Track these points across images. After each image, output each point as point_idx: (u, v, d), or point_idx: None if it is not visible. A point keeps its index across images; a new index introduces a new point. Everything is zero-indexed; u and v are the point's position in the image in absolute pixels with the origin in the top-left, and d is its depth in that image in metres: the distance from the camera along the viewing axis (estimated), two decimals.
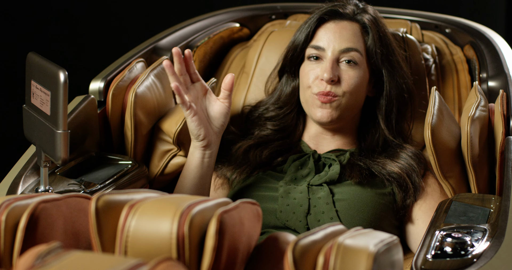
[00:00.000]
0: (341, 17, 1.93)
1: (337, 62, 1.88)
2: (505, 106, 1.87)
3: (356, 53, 1.89)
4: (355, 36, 1.90)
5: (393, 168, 1.88)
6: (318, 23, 1.92)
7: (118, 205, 1.16)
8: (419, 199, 1.87)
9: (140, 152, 1.95)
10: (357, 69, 1.89)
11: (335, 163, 1.88)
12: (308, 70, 1.91)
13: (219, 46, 2.32)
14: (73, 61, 3.11)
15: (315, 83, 1.88)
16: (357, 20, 1.92)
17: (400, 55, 1.99)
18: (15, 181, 1.68)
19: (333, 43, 1.89)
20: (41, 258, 1.03)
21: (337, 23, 1.92)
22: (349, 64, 1.88)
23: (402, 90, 1.96)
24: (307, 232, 1.16)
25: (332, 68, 1.86)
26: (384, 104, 1.95)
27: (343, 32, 1.90)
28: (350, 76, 1.88)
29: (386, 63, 1.93)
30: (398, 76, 1.94)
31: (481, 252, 1.44)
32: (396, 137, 1.96)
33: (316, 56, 1.90)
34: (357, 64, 1.89)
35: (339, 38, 1.89)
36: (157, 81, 1.99)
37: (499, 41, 2.17)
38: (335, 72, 1.87)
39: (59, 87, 1.49)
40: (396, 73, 1.94)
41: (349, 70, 1.88)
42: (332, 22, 1.92)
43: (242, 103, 2.16)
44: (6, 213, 1.18)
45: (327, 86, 1.86)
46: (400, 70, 1.96)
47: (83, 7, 3.14)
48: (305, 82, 1.91)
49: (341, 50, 1.88)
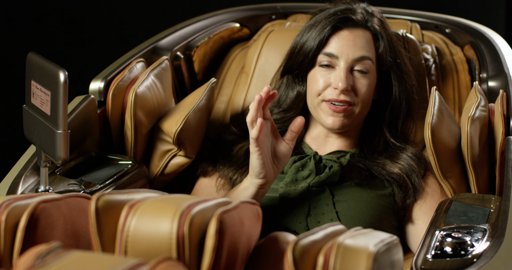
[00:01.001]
0: (353, 25, 1.91)
1: (350, 71, 1.88)
2: (505, 106, 1.87)
3: (369, 61, 1.89)
4: (368, 44, 1.90)
5: (393, 169, 1.87)
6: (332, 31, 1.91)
7: (118, 205, 1.16)
8: (419, 199, 1.87)
9: (140, 152, 1.95)
10: (368, 77, 1.89)
11: (336, 165, 1.88)
12: (319, 76, 1.90)
13: (219, 46, 2.32)
14: (73, 61, 3.11)
15: (327, 90, 1.88)
16: (369, 27, 1.92)
17: (406, 56, 1.99)
18: (15, 181, 1.68)
19: (347, 51, 1.88)
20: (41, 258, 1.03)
21: (350, 31, 1.90)
22: (361, 73, 1.88)
23: (411, 92, 1.96)
24: (307, 232, 1.16)
25: (347, 77, 1.86)
26: (391, 107, 1.94)
27: (357, 41, 1.89)
28: (363, 85, 1.88)
29: (395, 67, 1.93)
30: (406, 79, 1.94)
31: (481, 252, 1.44)
32: (397, 139, 1.96)
33: (328, 63, 1.90)
34: (368, 73, 1.89)
35: (353, 46, 1.88)
36: (157, 81, 1.99)
37: (499, 41, 2.17)
38: (350, 81, 1.86)
39: (59, 87, 1.49)
40: (404, 76, 1.94)
41: (362, 78, 1.88)
42: (346, 30, 1.90)
43: (242, 103, 2.16)
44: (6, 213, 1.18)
45: (341, 95, 1.86)
46: (408, 72, 1.96)
47: (83, 7, 3.14)
48: (314, 88, 1.90)
49: (355, 59, 1.88)
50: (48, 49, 3.08)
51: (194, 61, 2.23)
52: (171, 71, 2.09)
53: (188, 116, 1.91)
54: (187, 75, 2.22)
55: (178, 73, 2.19)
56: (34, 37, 3.08)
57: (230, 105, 2.18)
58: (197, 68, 2.24)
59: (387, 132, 1.95)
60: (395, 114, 1.95)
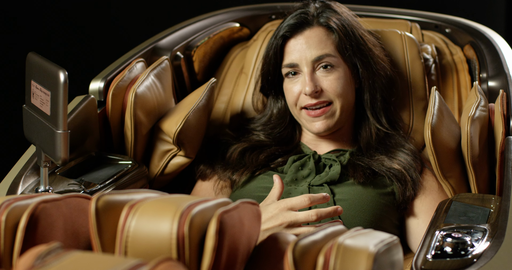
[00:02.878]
0: (303, 27, 1.92)
1: (314, 72, 1.89)
2: (505, 106, 1.87)
3: (329, 57, 1.89)
4: (322, 41, 1.90)
5: (392, 164, 1.88)
6: (283, 42, 1.92)
7: (118, 205, 1.16)
8: (419, 194, 1.87)
9: (140, 152, 1.95)
10: (336, 71, 1.89)
11: (336, 163, 1.88)
12: (289, 87, 1.92)
13: (219, 46, 2.32)
14: (73, 61, 3.11)
15: (301, 98, 1.89)
16: (321, 23, 1.92)
17: (370, 41, 1.98)
18: (15, 181, 1.68)
19: (304, 55, 1.89)
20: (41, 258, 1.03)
21: (300, 35, 1.91)
22: (326, 69, 1.89)
23: (381, 76, 1.96)
24: (307, 232, 1.16)
25: (312, 80, 1.87)
26: (367, 94, 1.95)
27: (310, 42, 1.90)
28: (332, 81, 1.88)
29: (358, 54, 1.93)
30: (373, 64, 1.94)
31: (481, 252, 1.44)
32: (386, 126, 1.96)
33: (294, 72, 1.91)
34: (333, 66, 1.89)
35: (308, 49, 1.89)
36: (157, 81, 1.99)
37: (499, 41, 2.17)
38: (316, 83, 1.87)
39: (59, 87, 1.49)
40: (370, 60, 1.94)
41: (328, 75, 1.89)
42: (295, 36, 1.91)
43: (242, 103, 2.17)
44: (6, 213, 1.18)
45: (313, 99, 1.87)
46: (374, 57, 1.95)
47: (83, 7, 3.14)
48: (290, 100, 1.92)
49: (314, 60, 1.89)
50: (48, 49, 3.08)
51: (194, 61, 2.23)
52: (171, 71, 2.09)
53: (188, 116, 1.91)
54: (187, 75, 2.22)
55: (178, 73, 2.19)
56: (34, 37, 3.08)
57: (230, 105, 2.18)
58: (197, 68, 2.24)
59: (373, 119, 1.95)
60: (372, 100, 1.96)
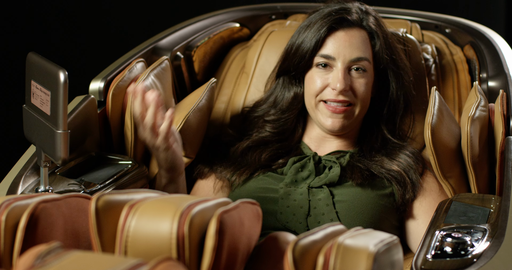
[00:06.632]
0: (349, 25, 1.91)
1: (347, 71, 1.88)
2: (505, 106, 1.87)
3: (366, 61, 1.89)
4: (364, 44, 1.90)
5: (391, 166, 1.88)
6: (328, 32, 1.92)
7: (118, 205, 1.16)
8: (418, 196, 1.87)
9: (140, 152, 1.95)
10: (366, 76, 1.89)
11: (336, 165, 1.88)
12: (316, 77, 1.90)
13: (219, 46, 2.32)
14: (73, 61, 3.11)
15: (325, 91, 1.88)
16: (364, 26, 1.92)
17: (402, 51, 2.00)
18: (15, 181, 1.68)
19: (344, 52, 1.88)
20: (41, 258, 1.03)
21: (346, 31, 1.90)
22: (358, 71, 1.88)
23: (408, 88, 1.96)
24: (307, 232, 1.16)
25: (345, 78, 1.86)
26: (389, 104, 1.95)
27: (353, 41, 1.89)
28: (361, 84, 1.88)
29: (392, 64, 1.93)
30: (404, 75, 1.95)
31: (481, 252, 1.44)
32: (395, 136, 1.96)
33: (325, 64, 1.90)
34: (365, 71, 1.89)
35: (349, 47, 1.89)
36: (157, 81, 1.99)
37: (499, 41, 2.17)
38: (348, 82, 1.87)
39: (59, 87, 1.49)
40: (401, 72, 1.95)
41: (359, 78, 1.88)
42: (341, 30, 1.90)
43: (242, 103, 2.16)
44: (6, 213, 1.18)
45: (339, 96, 1.86)
46: (405, 68, 1.96)
47: (83, 7, 3.14)
48: (312, 89, 1.90)
49: (352, 60, 1.88)
50: (48, 49, 3.08)
51: (194, 61, 2.23)
52: (171, 71, 2.09)
53: (188, 116, 1.91)
54: (187, 75, 2.22)
55: (178, 73, 2.19)
56: (34, 36, 3.08)
57: (230, 105, 2.18)
58: (197, 68, 2.24)
59: (385, 129, 1.96)
60: (393, 111, 1.96)
